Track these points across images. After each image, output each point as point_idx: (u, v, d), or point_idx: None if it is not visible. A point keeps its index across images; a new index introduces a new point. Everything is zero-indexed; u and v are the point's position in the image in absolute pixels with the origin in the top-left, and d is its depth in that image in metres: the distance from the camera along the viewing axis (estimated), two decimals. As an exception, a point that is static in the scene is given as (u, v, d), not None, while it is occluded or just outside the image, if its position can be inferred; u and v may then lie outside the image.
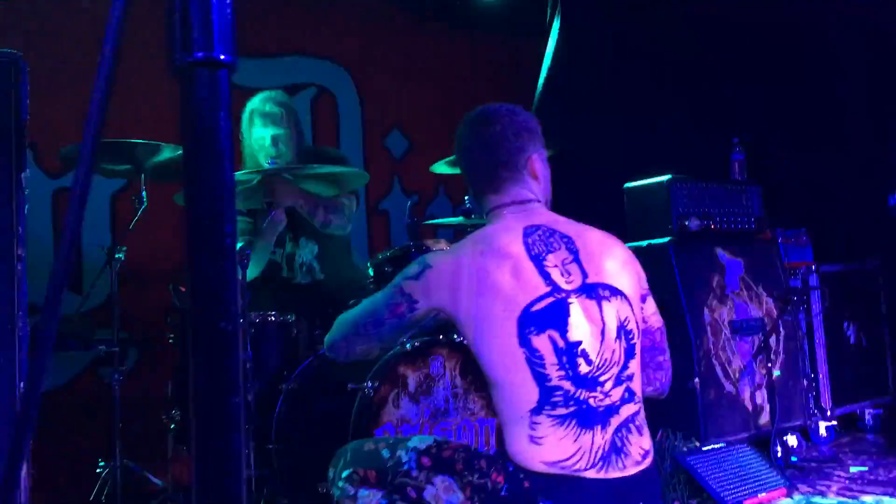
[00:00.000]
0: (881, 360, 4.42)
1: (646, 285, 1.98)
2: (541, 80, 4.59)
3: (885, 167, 3.47)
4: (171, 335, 3.01)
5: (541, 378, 1.75)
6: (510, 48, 5.39)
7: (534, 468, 1.74)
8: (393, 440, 1.92)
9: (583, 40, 4.54)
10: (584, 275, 1.84)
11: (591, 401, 1.77)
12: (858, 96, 4.47)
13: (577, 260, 1.85)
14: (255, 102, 3.38)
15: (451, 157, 3.54)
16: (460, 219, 3.53)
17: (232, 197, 0.60)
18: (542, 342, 1.76)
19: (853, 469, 3.43)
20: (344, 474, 1.88)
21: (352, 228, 3.64)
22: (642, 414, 1.86)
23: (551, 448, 1.73)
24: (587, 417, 1.76)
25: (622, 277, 1.89)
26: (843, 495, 3.07)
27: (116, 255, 2.97)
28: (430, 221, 4.11)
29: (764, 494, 3.00)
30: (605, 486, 1.74)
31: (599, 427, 1.77)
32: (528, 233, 1.86)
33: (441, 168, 3.66)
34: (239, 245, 3.28)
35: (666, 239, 3.54)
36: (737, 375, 3.56)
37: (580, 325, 1.79)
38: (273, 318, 3.07)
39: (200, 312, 0.55)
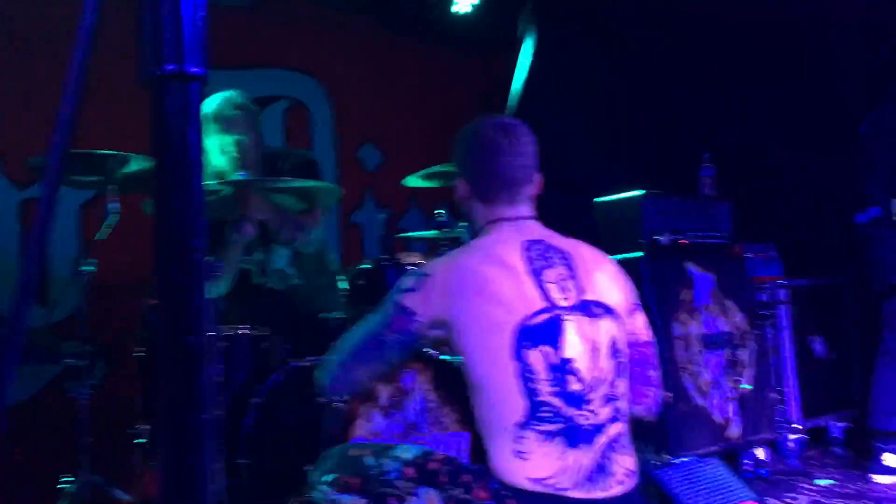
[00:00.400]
0: (848, 374, 4.48)
1: (635, 299, 1.98)
2: (512, 96, 4.61)
3: (851, 184, 3.53)
4: (141, 349, 2.97)
5: (530, 392, 1.74)
6: (484, 63, 5.42)
7: (518, 485, 1.73)
8: (379, 447, 1.90)
9: (555, 55, 4.58)
10: (580, 292, 1.84)
11: (578, 419, 1.76)
12: (827, 115, 4.54)
13: (573, 276, 1.85)
14: (213, 108, 3.24)
15: (424, 171, 3.55)
16: (434, 232, 3.53)
17: (201, 211, 0.59)
18: (535, 357, 1.75)
19: (821, 482, 3.47)
20: (326, 479, 1.87)
21: (325, 239, 3.62)
22: (628, 434, 1.86)
23: (536, 464, 1.72)
24: (574, 436, 1.75)
25: (613, 294, 1.90)
26: (811, 508, 3.10)
27: (85, 268, 2.92)
28: (403, 234, 4.11)
29: (733, 507, 3.02)
30: None
31: (585, 446, 1.76)
32: (526, 247, 1.86)
33: (414, 181, 3.66)
34: (210, 258, 3.25)
35: (637, 254, 3.57)
36: (706, 389, 3.58)
37: (574, 343, 1.79)
38: (243, 332, 3.04)
39: (168, 327, 0.55)
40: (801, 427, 4.07)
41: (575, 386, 1.77)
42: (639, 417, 1.99)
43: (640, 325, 1.99)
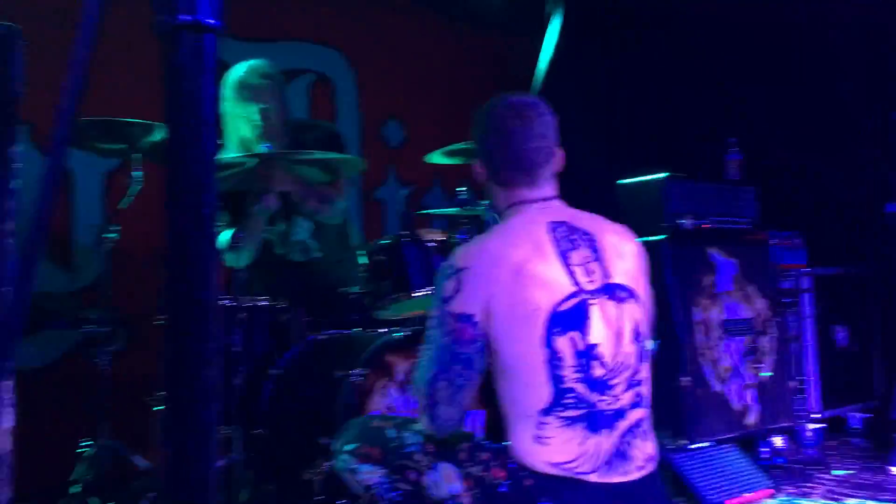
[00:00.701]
0: (869, 365, 4.43)
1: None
2: (538, 75, 4.57)
3: (882, 173, 3.47)
4: (162, 317, 2.98)
5: (556, 380, 1.73)
6: (509, 44, 5.36)
7: (537, 468, 1.73)
8: (401, 420, 1.92)
9: (582, 36, 4.52)
10: (605, 275, 1.81)
11: (601, 404, 1.75)
12: (859, 100, 4.47)
13: (598, 259, 1.82)
14: (240, 75, 3.20)
15: (447, 148, 3.53)
16: (455, 209, 3.52)
17: (213, 167, 0.58)
18: (563, 343, 1.74)
19: (838, 472, 3.45)
20: (348, 448, 1.89)
21: (349, 211, 3.60)
22: (649, 419, 1.85)
23: (556, 449, 1.72)
24: (596, 421, 1.74)
25: (638, 278, 1.88)
26: (828, 498, 3.08)
27: (108, 235, 2.95)
28: (425, 212, 4.10)
29: (748, 495, 3.00)
30: (607, 490, 1.73)
31: (606, 431, 1.75)
32: (552, 228, 1.82)
33: (437, 159, 3.64)
34: (232, 230, 3.27)
35: (659, 237, 3.54)
36: (725, 375, 3.56)
37: (599, 328, 1.77)
38: (263, 303, 3.05)
39: (177, 281, 0.54)
40: (820, 416, 4.04)
41: (598, 371, 1.76)
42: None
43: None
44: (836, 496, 3.09)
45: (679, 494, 2.99)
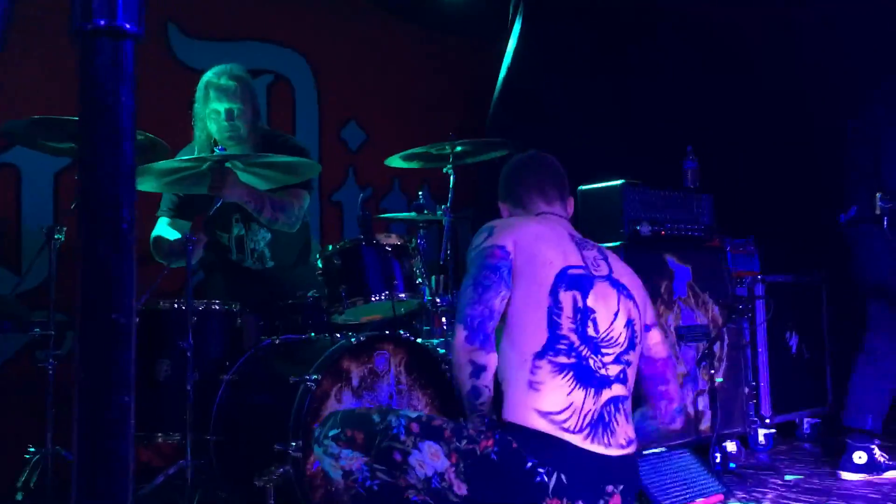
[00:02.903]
0: (821, 371, 4.51)
1: (653, 318, 2.13)
2: (500, 81, 4.58)
3: (836, 182, 3.53)
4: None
5: (553, 325, 1.88)
6: (471, 49, 5.37)
7: (527, 422, 1.81)
8: (385, 407, 2.03)
9: (543, 44, 4.54)
10: (611, 271, 2.04)
11: (590, 361, 1.89)
12: (815, 110, 4.55)
13: (606, 261, 2.06)
14: (209, 75, 3.26)
15: (407, 152, 3.52)
16: (413, 214, 3.50)
17: (132, 181, 0.55)
18: (566, 297, 1.91)
19: (789, 477, 3.49)
20: (331, 433, 1.91)
21: (307, 220, 3.58)
22: (630, 404, 1.97)
23: (546, 396, 1.82)
24: (584, 375, 1.87)
25: (638, 295, 2.07)
26: (778, 503, 3.12)
27: (56, 236, 2.87)
28: (384, 215, 4.08)
29: (701, 500, 3.03)
30: (589, 457, 1.83)
31: (593, 391, 1.87)
32: (569, 232, 2.10)
33: (396, 162, 3.62)
34: (170, 232, 3.22)
35: (617, 243, 3.56)
36: (680, 381, 3.59)
37: (599, 300, 1.95)
38: (217, 307, 3.01)
39: (91, 302, 0.51)
40: (771, 422, 4.10)
41: (591, 332, 1.91)
42: (657, 427, 2.13)
43: (655, 340, 2.12)
44: (786, 501, 3.13)
45: (634, 499, 3.00)
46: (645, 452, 3.21)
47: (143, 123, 2.96)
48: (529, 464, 1.78)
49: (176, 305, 2.90)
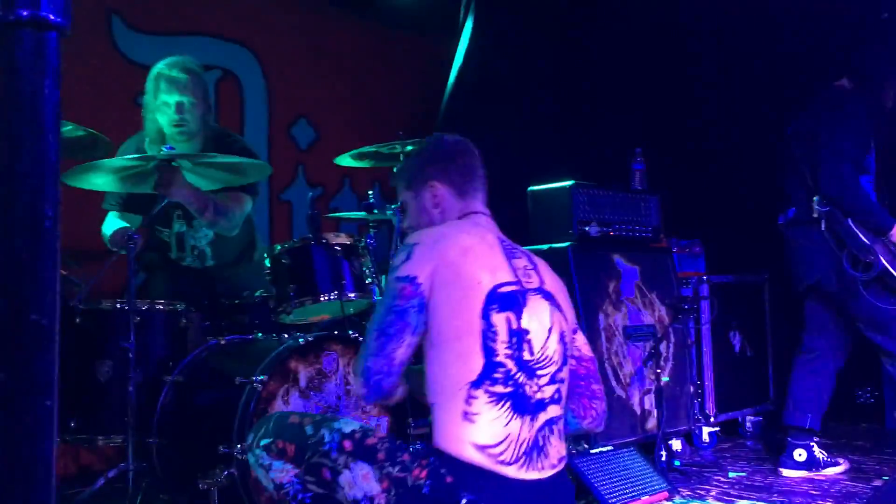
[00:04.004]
0: (763, 369, 4.61)
1: (574, 320, 2.09)
2: (451, 79, 4.58)
3: (778, 185, 3.61)
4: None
5: (489, 351, 1.79)
6: (422, 47, 5.36)
7: (461, 454, 1.74)
8: (319, 418, 1.91)
9: (494, 43, 4.55)
10: (541, 282, 1.97)
11: (526, 388, 1.83)
12: (757, 113, 4.64)
13: (535, 270, 1.99)
14: (161, 67, 3.20)
15: (358, 151, 3.49)
16: (363, 213, 3.48)
17: (56, 177, 0.53)
18: (499, 320, 1.83)
19: (732, 474, 3.56)
20: (263, 443, 1.86)
21: (252, 221, 3.53)
22: (562, 422, 1.93)
23: (483, 428, 1.76)
24: (521, 403, 1.81)
25: (565, 299, 2.04)
26: (721, 500, 3.17)
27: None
28: (334, 215, 4.05)
29: (647, 497, 3.07)
30: (524, 486, 1.78)
31: (529, 418, 1.82)
32: (499, 238, 2.00)
33: (347, 161, 3.60)
34: (120, 224, 3.15)
35: (566, 243, 3.58)
36: (627, 380, 3.63)
37: (532, 318, 1.88)
38: (161, 306, 2.95)
39: (10, 301, 0.49)
40: (715, 420, 4.17)
41: (527, 355, 1.85)
42: (587, 430, 2.09)
43: (582, 342, 2.10)
44: (729, 498, 3.19)
45: (580, 498, 3.03)
46: (592, 451, 3.24)
47: (85, 118, 2.90)
48: (464, 501, 1.72)
49: (118, 305, 2.84)
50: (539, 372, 1.86)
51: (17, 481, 0.50)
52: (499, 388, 1.78)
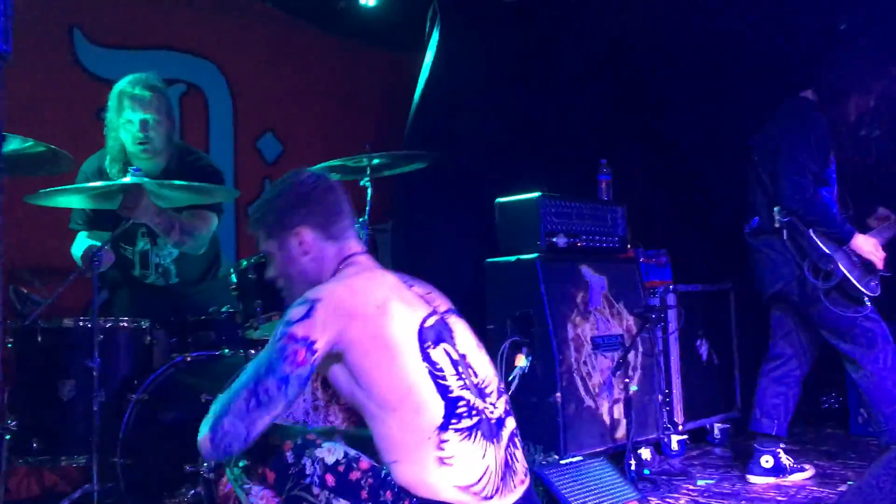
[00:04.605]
0: (730, 377, 4.66)
1: None
2: (418, 92, 4.59)
3: (743, 195, 3.66)
4: (11, 340, 2.79)
5: (444, 390, 1.74)
6: (389, 60, 5.37)
7: (447, 497, 1.69)
8: (301, 440, 1.80)
9: (459, 57, 4.57)
10: (445, 302, 1.95)
11: (486, 412, 1.79)
12: (722, 124, 4.70)
13: (435, 293, 1.96)
14: (123, 84, 3.17)
15: (324, 164, 3.48)
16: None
17: None
18: (439, 355, 1.78)
19: (700, 482, 3.59)
20: (242, 464, 1.81)
21: (217, 240, 3.51)
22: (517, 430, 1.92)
23: (462, 469, 1.71)
24: (488, 429, 1.78)
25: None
26: (691, 507, 3.20)
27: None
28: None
29: (616, 507, 3.08)
30: None
31: (496, 440, 1.79)
32: (392, 271, 1.95)
33: (314, 175, 3.58)
34: (90, 243, 3.11)
35: (534, 255, 3.60)
36: (596, 390, 3.65)
37: (462, 340, 1.86)
38: (125, 324, 2.91)
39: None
40: (684, 428, 4.20)
41: (475, 379, 1.82)
42: None
43: None
44: (698, 505, 3.22)
45: (551, 509, 3.04)
46: (562, 462, 3.25)
47: (46, 133, 2.86)
48: None
49: (81, 323, 2.80)
50: (487, 390, 1.83)
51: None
52: (466, 423, 1.74)
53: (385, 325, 1.75)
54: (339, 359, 1.76)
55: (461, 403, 1.74)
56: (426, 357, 1.75)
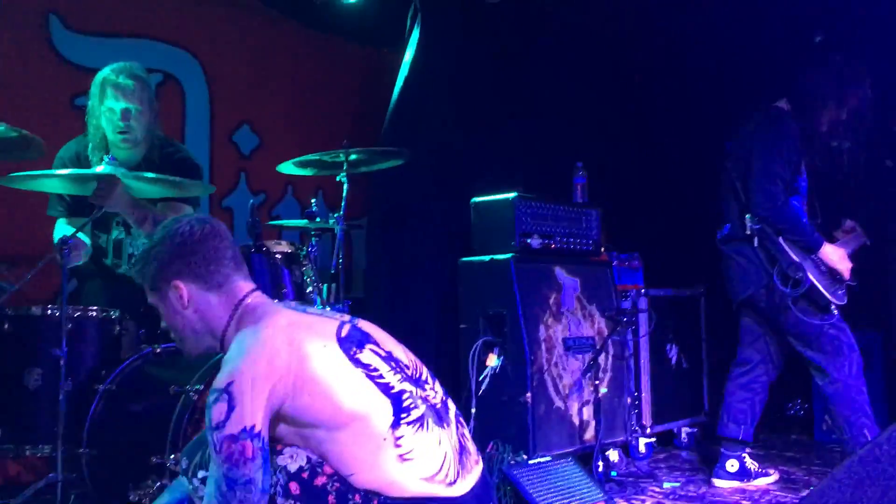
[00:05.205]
0: (698, 382, 4.71)
1: None
2: (396, 88, 4.58)
3: (715, 201, 3.70)
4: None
5: (385, 388, 1.74)
6: (368, 56, 5.36)
7: (415, 492, 1.69)
8: None
9: (439, 54, 4.58)
10: (343, 313, 1.99)
11: (429, 398, 1.82)
12: (699, 131, 4.75)
13: (326, 311, 2.00)
14: (107, 72, 3.16)
15: (301, 158, 3.47)
16: (305, 221, 3.46)
17: None
18: (368, 357, 1.79)
19: (667, 485, 3.62)
20: (200, 474, 1.79)
21: None
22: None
23: (423, 460, 1.72)
24: (436, 414, 1.80)
25: None
26: (656, 509, 3.23)
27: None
28: (275, 222, 4.01)
29: (583, 508, 3.10)
30: (471, 496, 1.78)
31: (446, 424, 1.81)
32: (283, 303, 2.00)
33: (289, 168, 3.57)
34: (63, 234, 3.07)
35: (508, 255, 3.61)
36: (566, 391, 3.67)
37: (381, 338, 1.88)
38: (94, 314, 2.88)
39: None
40: (651, 431, 4.24)
41: (409, 371, 1.83)
42: None
43: None
44: (663, 508, 3.25)
45: (518, 509, 3.05)
46: (530, 462, 3.26)
47: (20, 119, 2.83)
48: None
49: (49, 311, 2.76)
50: (422, 378, 1.85)
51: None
52: (415, 413, 1.75)
53: (305, 360, 1.71)
54: (276, 417, 1.71)
55: (405, 396, 1.76)
56: (357, 363, 1.75)
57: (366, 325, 1.91)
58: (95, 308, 2.90)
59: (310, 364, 1.71)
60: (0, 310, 2.72)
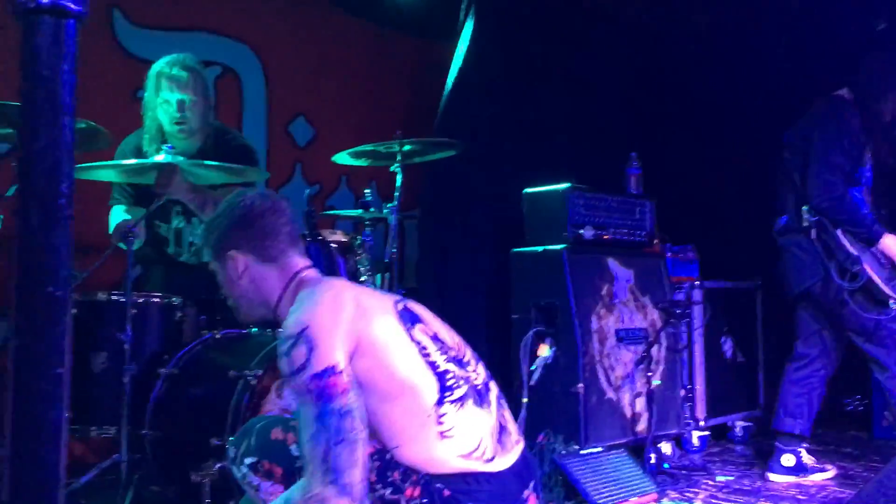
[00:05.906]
0: (753, 375, 4.64)
1: None
2: (450, 80, 4.60)
3: (772, 192, 3.64)
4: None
5: (433, 366, 1.79)
6: (422, 48, 5.39)
7: (453, 468, 1.73)
8: None
9: (493, 46, 4.58)
10: (396, 293, 2.05)
11: (471, 379, 1.85)
12: (756, 122, 4.67)
13: (380, 291, 2.07)
14: (161, 65, 3.24)
15: (355, 149, 3.52)
16: (359, 211, 3.51)
17: (70, 156, 0.56)
18: (419, 334, 1.84)
19: (720, 478, 3.59)
20: (248, 461, 1.84)
21: None
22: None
23: (462, 438, 1.75)
24: (477, 395, 1.84)
25: None
26: (709, 503, 3.20)
27: (-8, 224, 2.80)
28: (330, 212, 4.07)
29: (635, 499, 3.10)
30: (508, 477, 1.81)
31: (487, 406, 1.85)
32: (341, 278, 2.04)
33: (344, 159, 3.62)
34: (123, 217, 3.18)
35: (560, 246, 3.61)
36: (619, 383, 3.66)
37: (428, 318, 1.92)
38: (157, 300, 2.97)
39: (27, 274, 0.51)
40: (705, 424, 4.20)
41: (452, 352, 1.87)
42: None
43: None
44: (717, 501, 3.22)
45: (569, 498, 3.06)
46: (582, 452, 3.27)
47: (85, 111, 2.91)
48: None
49: (114, 297, 2.86)
50: (465, 360, 1.89)
51: (31, 440, 0.53)
52: (458, 393, 1.79)
53: (369, 322, 1.76)
54: (356, 357, 1.75)
55: (449, 376, 1.80)
56: (412, 338, 1.80)
57: (414, 305, 1.95)
58: (158, 294, 2.99)
59: (374, 327, 1.76)
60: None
